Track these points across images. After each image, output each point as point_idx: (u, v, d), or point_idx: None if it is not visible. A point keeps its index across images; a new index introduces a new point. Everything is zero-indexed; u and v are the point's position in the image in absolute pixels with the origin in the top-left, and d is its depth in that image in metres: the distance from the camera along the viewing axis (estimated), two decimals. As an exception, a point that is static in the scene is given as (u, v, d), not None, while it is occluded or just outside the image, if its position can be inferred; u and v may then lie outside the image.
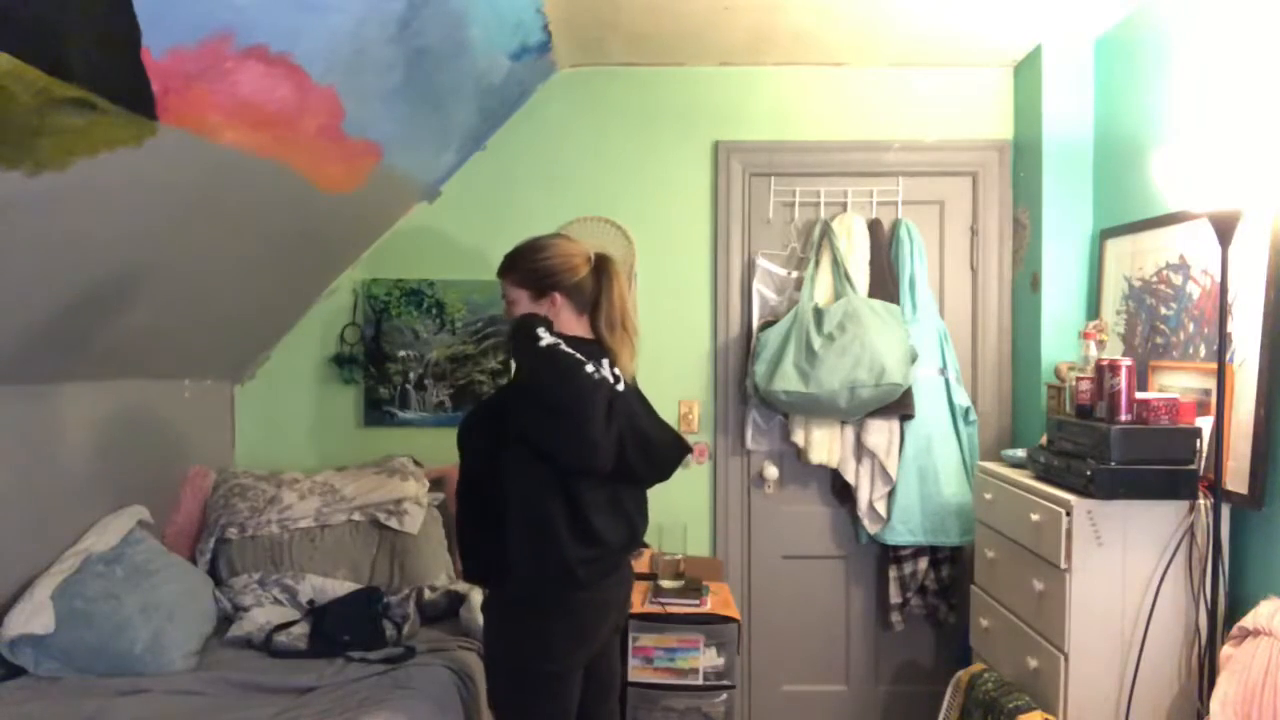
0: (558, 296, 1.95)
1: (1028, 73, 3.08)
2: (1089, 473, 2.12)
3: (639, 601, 2.75)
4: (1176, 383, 2.36)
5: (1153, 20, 2.59)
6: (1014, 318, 3.20)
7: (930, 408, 3.03)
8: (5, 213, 1.62)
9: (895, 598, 3.14)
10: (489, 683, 2.01)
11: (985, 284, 3.22)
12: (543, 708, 1.89)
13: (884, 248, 3.13)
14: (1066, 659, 2.15)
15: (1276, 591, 1.97)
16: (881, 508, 3.08)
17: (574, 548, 1.82)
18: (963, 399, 3.07)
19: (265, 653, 2.42)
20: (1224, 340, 2.05)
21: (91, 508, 2.47)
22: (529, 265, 1.96)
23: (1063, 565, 2.15)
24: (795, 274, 3.19)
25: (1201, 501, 2.08)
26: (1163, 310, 2.47)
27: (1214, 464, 2.05)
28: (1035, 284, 3.02)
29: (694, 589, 2.86)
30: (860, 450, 3.09)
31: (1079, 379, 2.38)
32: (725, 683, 2.76)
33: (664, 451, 2.02)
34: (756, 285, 3.20)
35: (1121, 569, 2.13)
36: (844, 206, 3.20)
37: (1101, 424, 2.17)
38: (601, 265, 1.99)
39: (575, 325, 1.96)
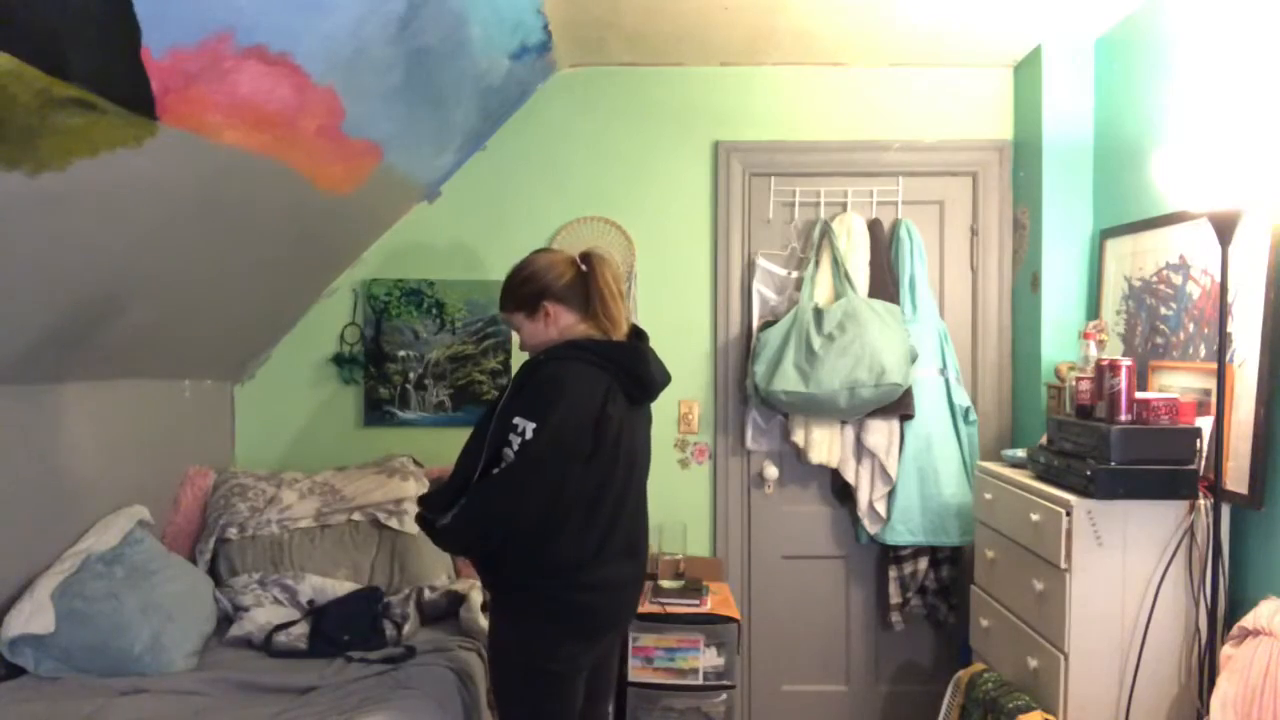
0: (549, 305, 1.96)
1: (1028, 73, 3.08)
2: (1089, 473, 2.12)
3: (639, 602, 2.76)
4: (1176, 383, 2.36)
5: (1153, 20, 2.59)
6: (1014, 318, 3.20)
7: (930, 408, 3.03)
8: (5, 213, 1.62)
9: (895, 598, 3.14)
10: (494, 682, 2.01)
11: (985, 284, 3.22)
12: (549, 708, 1.89)
13: (884, 248, 3.13)
14: (1066, 659, 2.15)
15: (1276, 591, 1.97)
16: (881, 508, 3.08)
17: None
18: (963, 399, 3.07)
19: (265, 653, 2.42)
20: (1224, 340, 2.05)
21: (91, 508, 2.47)
22: (514, 287, 2.01)
23: (1063, 565, 2.14)
24: (795, 274, 3.19)
25: (1201, 501, 2.08)
26: (1163, 310, 2.47)
27: (1214, 464, 2.05)
28: (1035, 284, 3.02)
29: (694, 589, 2.87)
30: (860, 450, 3.09)
31: (1079, 379, 2.38)
32: (725, 683, 2.76)
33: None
34: (756, 285, 3.20)
35: (1121, 569, 2.13)
36: (844, 206, 3.20)
37: (1101, 424, 2.17)
38: (587, 259, 2.00)
39: (581, 328, 1.96)
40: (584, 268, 1.99)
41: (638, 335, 2.03)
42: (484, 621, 2.11)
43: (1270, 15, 2.11)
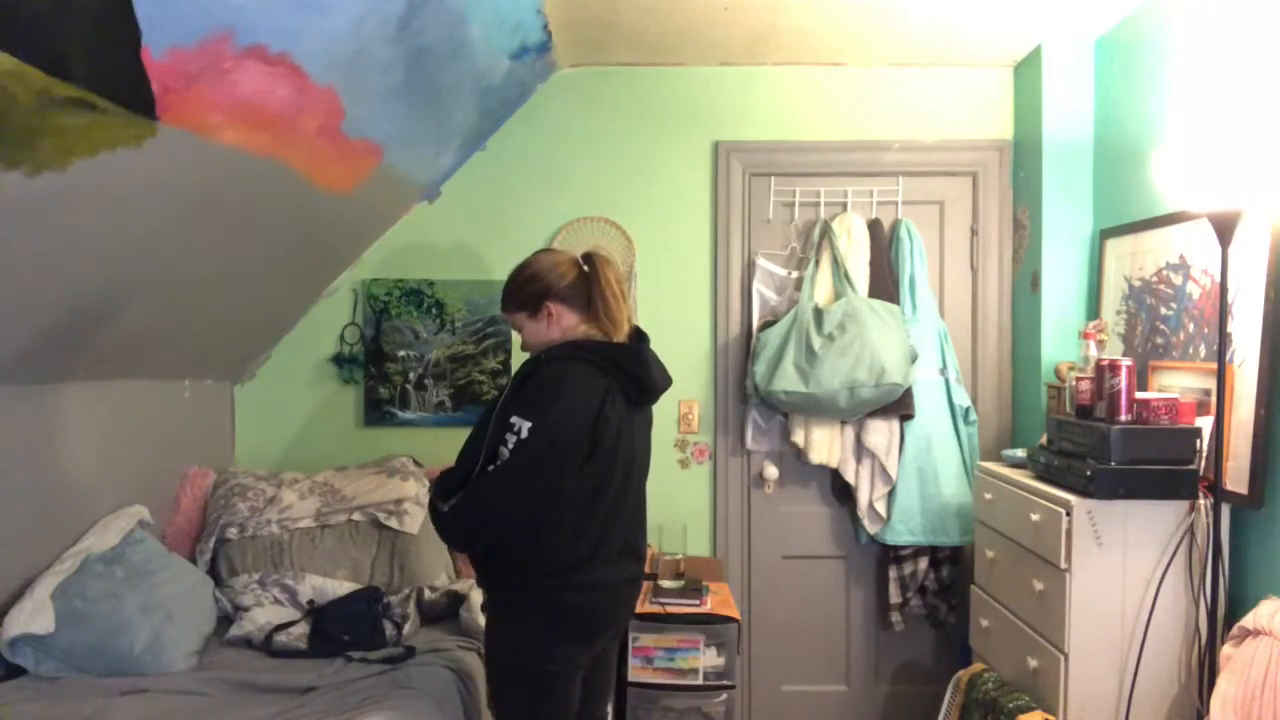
0: (551, 306, 1.95)
1: (1028, 73, 3.08)
2: (1089, 473, 2.12)
3: (639, 601, 2.75)
4: (1176, 383, 2.36)
5: (1153, 20, 2.59)
6: (1014, 318, 3.20)
7: (930, 408, 3.03)
8: (5, 213, 1.62)
9: (895, 598, 3.14)
10: (490, 682, 2.01)
11: (985, 284, 3.22)
12: (544, 708, 1.89)
13: (884, 248, 3.13)
14: (1066, 659, 2.15)
15: (1276, 591, 1.97)
16: (881, 508, 3.08)
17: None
18: (963, 399, 3.07)
19: (265, 653, 2.42)
20: (1224, 340, 2.05)
21: (91, 508, 2.47)
22: (517, 287, 2.00)
23: (1063, 565, 2.15)
24: (795, 274, 3.19)
25: (1201, 501, 2.08)
26: (1163, 310, 2.47)
27: (1214, 464, 2.05)
28: (1035, 284, 3.02)
29: (694, 589, 2.86)
30: (860, 450, 3.09)
31: (1079, 379, 2.38)
32: (725, 683, 2.76)
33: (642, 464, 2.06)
34: (756, 285, 3.20)
35: (1121, 569, 2.13)
36: (844, 206, 3.20)
37: (1101, 424, 2.17)
38: (589, 260, 2.00)
39: (583, 328, 1.96)
40: (586, 268, 1.99)
41: (639, 337, 2.03)
42: (483, 621, 2.11)
43: (1270, 16, 2.11)
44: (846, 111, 3.21)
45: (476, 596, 2.64)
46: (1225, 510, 2.10)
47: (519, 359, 3.17)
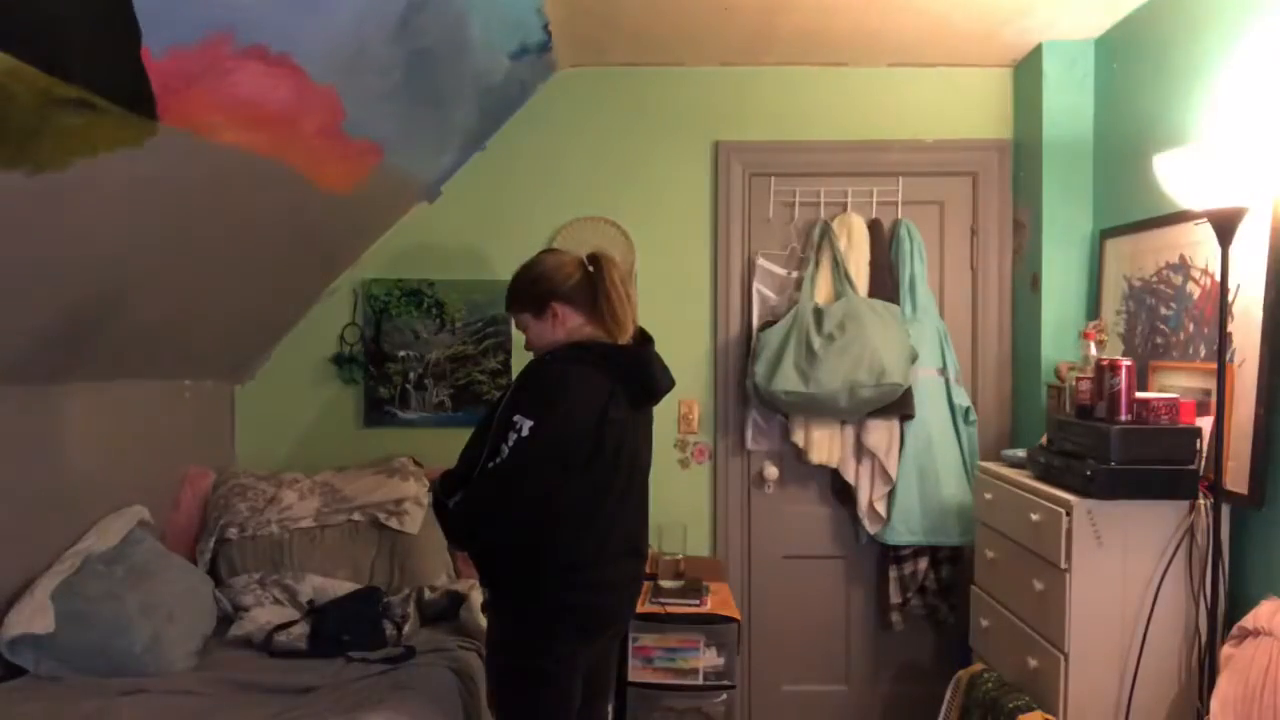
0: (556, 306, 1.95)
1: (1028, 73, 3.08)
2: (1089, 473, 2.12)
3: (639, 602, 2.75)
4: (1176, 383, 2.36)
5: (1153, 20, 2.59)
6: (1014, 318, 3.20)
7: (930, 408, 3.03)
8: (5, 213, 1.62)
9: (895, 598, 3.14)
10: (491, 681, 2.01)
11: (985, 284, 3.22)
12: (545, 707, 1.89)
13: (884, 248, 3.13)
14: (1066, 659, 2.15)
15: (1276, 591, 1.97)
16: (881, 508, 3.08)
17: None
18: (963, 399, 3.07)
19: (265, 653, 2.42)
20: (1224, 340, 2.05)
21: (91, 508, 2.47)
22: (523, 287, 2.00)
23: (1063, 565, 2.15)
24: (795, 274, 3.19)
25: (1201, 501, 2.08)
26: (1163, 310, 2.47)
27: (1214, 464, 2.05)
28: (1035, 284, 3.02)
29: (694, 589, 2.86)
30: (860, 450, 3.09)
31: (1079, 379, 2.38)
32: (725, 683, 2.76)
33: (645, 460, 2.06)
34: (756, 285, 3.20)
35: (1121, 569, 2.13)
36: (844, 206, 3.19)
37: (1101, 424, 2.17)
38: (594, 261, 1.99)
39: (588, 329, 1.96)
40: (591, 269, 1.98)
41: (644, 338, 2.03)
42: (484, 621, 2.12)
43: (1269, 15, 2.11)
44: (846, 111, 3.21)
45: (476, 596, 2.65)
46: (1225, 510, 2.10)
47: (520, 359, 3.19)
